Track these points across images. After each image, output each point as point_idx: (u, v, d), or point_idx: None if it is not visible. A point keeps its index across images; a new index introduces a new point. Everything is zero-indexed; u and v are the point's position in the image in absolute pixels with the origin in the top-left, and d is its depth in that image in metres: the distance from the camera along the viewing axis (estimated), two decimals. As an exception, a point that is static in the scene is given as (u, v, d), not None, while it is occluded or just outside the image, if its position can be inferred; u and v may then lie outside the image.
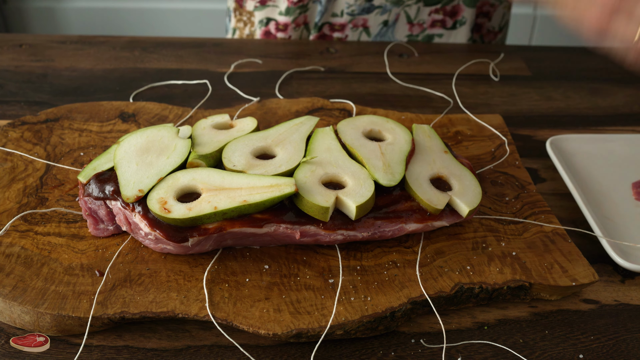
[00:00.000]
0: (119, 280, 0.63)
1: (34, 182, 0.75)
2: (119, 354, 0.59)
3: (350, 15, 1.19)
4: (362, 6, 1.18)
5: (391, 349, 0.61)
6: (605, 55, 0.71)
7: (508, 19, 1.33)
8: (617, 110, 1.03)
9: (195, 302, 0.61)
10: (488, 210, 0.75)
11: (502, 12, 1.28)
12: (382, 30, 1.22)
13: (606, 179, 0.85)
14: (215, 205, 0.62)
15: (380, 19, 1.20)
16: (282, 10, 1.20)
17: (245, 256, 0.67)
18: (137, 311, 0.60)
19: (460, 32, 1.24)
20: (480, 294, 0.65)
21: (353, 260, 0.67)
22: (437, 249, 0.69)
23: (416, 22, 1.21)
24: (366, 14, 1.19)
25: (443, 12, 1.21)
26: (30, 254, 0.65)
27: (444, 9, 1.21)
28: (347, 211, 0.65)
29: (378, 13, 1.19)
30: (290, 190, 0.64)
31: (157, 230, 0.63)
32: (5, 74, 1.04)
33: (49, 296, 0.61)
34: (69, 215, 0.71)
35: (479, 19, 1.27)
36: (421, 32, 1.23)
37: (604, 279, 0.70)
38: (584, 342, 0.63)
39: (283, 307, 0.61)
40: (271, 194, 0.63)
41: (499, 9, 1.27)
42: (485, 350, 0.61)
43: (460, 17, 1.22)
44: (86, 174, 0.68)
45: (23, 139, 0.82)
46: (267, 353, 0.60)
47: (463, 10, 1.21)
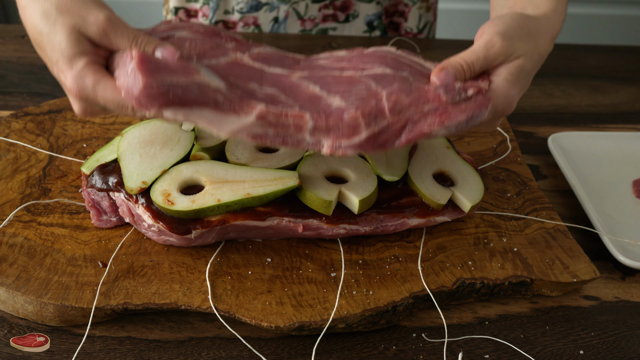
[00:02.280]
0: (121, 271, 0.63)
1: (37, 173, 0.75)
2: (122, 344, 0.60)
3: (240, 13, 1.19)
4: (250, 3, 1.18)
5: (392, 343, 0.61)
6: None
7: (430, 20, 1.30)
8: (618, 108, 1.04)
9: (198, 294, 0.61)
10: (490, 206, 0.76)
11: (418, 13, 1.25)
12: (274, 27, 1.22)
13: (607, 176, 0.85)
14: (219, 197, 0.63)
15: (269, 16, 1.20)
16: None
17: (248, 249, 0.67)
18: (140, 302, 0.60)
19: (355, 25, 1.23)
20: (481, 289, 0.65)
21: (355, 254, 0.67)
22: (439, 244, 0.69)
23: (307, 18, 1.20)
24: (255, 11, 1.19)
25: (333, 7, 1.20)
26: (34, 244, 0.65)
27: (333, 4, 1.19)
28: (350, 205, 0.65)
29: (267, 10, 1.19)
30: (294, 184, 0.64)
31: (160, 222, 0.63)
32: (8, 65, 1.04)
33: (52, 286, 0.61)
34: (72, 207, 0.71)
35: (396, 18, 1.25)
36: (314, 26, 1.23)
37: (605, 275, 0.71)
38: (585, 338, 0.63)
39: (285, 300, 0.61)
40: (274, 187, 0.63)
41: (414, 10, 1.24)
42: (487, 345, 0.62)
43: (352, 10, 1.21)
44: (89, 166, 0.68)
45: (26, 129, 0.82)
46: (269, 345, 0.60)
47: (354, 5, 1.20)
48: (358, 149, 0.58)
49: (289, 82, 0.61)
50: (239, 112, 0.57)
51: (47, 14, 0.58)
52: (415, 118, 0.58)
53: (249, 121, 0.56)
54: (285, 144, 0.58)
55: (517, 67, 0.61)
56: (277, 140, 0.58)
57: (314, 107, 0.58)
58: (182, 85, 0.55)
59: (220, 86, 0.57)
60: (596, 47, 1.25)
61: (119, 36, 0.58)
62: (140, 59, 0.54)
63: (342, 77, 0.62)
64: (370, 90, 0.60)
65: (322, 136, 0.58)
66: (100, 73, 0.56)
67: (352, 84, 0.61)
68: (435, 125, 0.58)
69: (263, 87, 0.60)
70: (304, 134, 0.57)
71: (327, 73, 0.63)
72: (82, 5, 0.58)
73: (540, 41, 0.63)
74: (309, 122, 0.57)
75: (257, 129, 0.57)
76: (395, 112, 0.58)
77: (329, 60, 0.65)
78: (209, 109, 0.56)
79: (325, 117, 0.57)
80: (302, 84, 0.61)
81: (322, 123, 0.57)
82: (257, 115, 0.56)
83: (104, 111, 0.59)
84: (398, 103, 0.58)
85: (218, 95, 0.56)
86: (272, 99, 0.58)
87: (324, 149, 0.58)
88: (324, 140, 0.58)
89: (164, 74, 0.54)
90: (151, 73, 0.54)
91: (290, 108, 0.58)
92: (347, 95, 0.59)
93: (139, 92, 0.53)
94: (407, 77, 0.61)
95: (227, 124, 0.57)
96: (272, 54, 0.65)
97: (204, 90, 0.55)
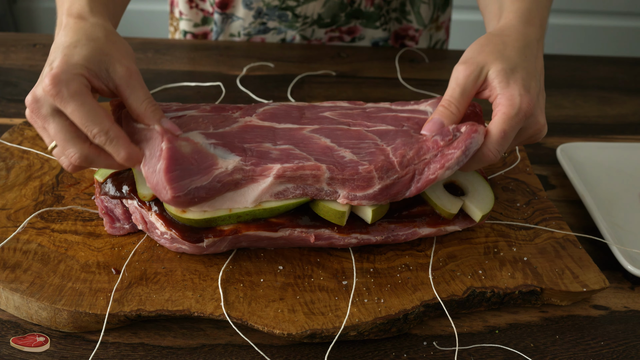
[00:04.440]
0: (135, 278, 0.64)
1: (50, 180, 0.76)
2: (135, 351, 0.60)
3: (247, 35, 1.21)
4: (257, 28, 1.19)
5: (403, 351, 0.62)
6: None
7: (442, 39, 1.31)
8: (626, 119, 1.04)
9: (211, 301, 0.62)
10: (499, 215, 0.76)
11: (429, 34, 1.27)
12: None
13: (615, 186, 0.85)
14: (230, 207, 0.63)
15: (277, 37, 1.21)
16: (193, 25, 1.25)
17: (260, 257, 0.68)
18: (153, 309, 0.60)
19: (361, 45, 1.24)
20: (492, 298, 0.65)
21: (366, 263, 0.68)
22: (449, 252, 0.70)
23: (314, 39, 1.22)
24: (263, 34, 1.20)
25: (339, 31, 1.21)
26: (47, 251, 0.66)
27: (339, 29, 1.21)
28: (364, 215, 0.66)
29: (274, 33, 1.20)
30: (307, 197, 0.64)
31: (172, 230, 0.63)
32: (20, 73, 1.05)
33: (66, 293, 0.61)
34: (85, 214, 0.71)
35: (407, 41, 1.25)
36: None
37: (614, 285, 0.71)
38: (594, 348, 0.63)
39: (297, 307, 0.62)
40: (287, 200, 0.64)
41: (424, 33, 1.25)
42: (497, 354, 0.62)
43: (359, 34, 1.22)
44: (103, 173, 0.69)
45: (39, 137, 0.83)
46: (281, 353, 0.61)
47: (360, 30, 1.21)
48: (372, 200, 0.63)
49: (301, 135, 0.67)
50: (258, 179, 0.62)
51: (98, 29, 0.62)
52: (420, 168, 0.63)
53: (268, 184, 0.62)
54: (305, 195, 0.63)
55: (499, 72, 0.64)
56: (298, 192, 0.63)
57: (328, 159, 0.63)
58: (205, 187, 0.60)
59: (237, 162, 0.62)
60: (604, 59, 1.26)
61: (136, 91, 0.61)
62: (168, 158, 0.59)
63: (350, 132, 0.69)
64: (378, 146, 0.66)
65: (338, 187, 0.63)
66: (89, 95, 0.59)
67: (359, 139, 0.67)
68: (438, 170, 0.63)
69: (277, 144, 0.65)
70: (321, 183, 0.62)
71: (335, 126, 0.69)
72: (126, 51, 0.63)
73: (508, 48, 0.66)
74: (325, 173, 0.62)
75: (277, 188, 0.62)
76: (403, 165, 0.63)
77: (335, 114, 0.72)
78: (230, 192, 0.63)
79: (341, 169, 0.62)
80: (314, 136, 0.67)
81: (338, 174, 0.62)
82: (275, 175, 0.62)
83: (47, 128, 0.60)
84: (404, 157, 0.63)
85: (236, 175, 0.62)
86: (287, 154, 0.63)
87: (340, 199, 0.63)
88: (339, 191, 0.63)
89: (188, 176, 0.60)
90: (177, 180, 0.59)
91: (306, 161, 0.62)
92: (357, 149, 0.65)
93: (169, 200, 0.60)
94: (407, 131, 0.68)
95: (250, 195, 0.63)
96: (277, 109, 0.72)
97: (224, 182, 0.61)
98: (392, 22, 1.22)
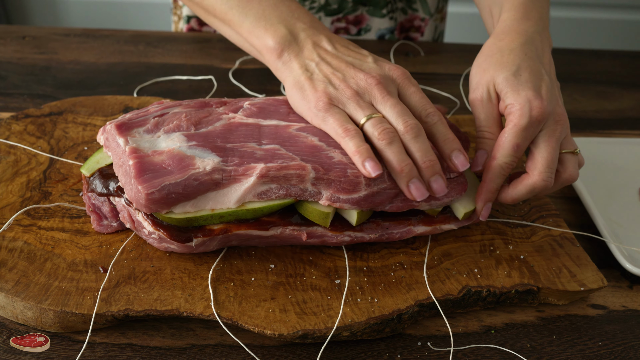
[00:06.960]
0: (123, 277, 0.62)
1: (38, 176, 0.74)
2: (122, 351, 0.59)
3: None
4: None
5: (397, 352, 0.60)
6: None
7: (443, 29, 1.31)
8: (624, 114, 1.03)
9: (200, 300, 0.60)
10: (496, 212, 0.75)
11: (434, 24, 1.26)
12: None
13: (613, 183, 0.84)
14: (213, 207, 0.62)
15: None
16: None
17: (251, 255, 0.66)
18: (142, 309, 0.59)
19: (366, 38, 1.23)
20: (487, 297, 0.64)
21: (360, 261, 0.66)
22: (445, 251, 0.68)
23: None
24: None
25: (346, 21, 1.20)
26: (34, 248, 0.64)
27: (346, 17, 1.19)
28: (349, 217, 0.64)
29: None
30: (290, 199, 0.63)
31: (160, 230, 0.62)
32: (9, 66, 1.03)
33: (52, 292, 0.60)
34: (73, 211, 0.70)
35: (412, 33, 1.25)
36: None
37: (612, 284, 0.70)
38: (592, 348, 0.62)
39: (289, 307, 0.61)
40: (271, 202, 0.62)
41: (430, 22, 1.25)
42: (493, 355, 0.61)
43: (365, 25, 1.21)
44: (89, 167, 0.67)
45: (26, 132, 0.81)
46: (272, 353, 0.59)
47: (367, 19, 1.20)
48: (354, 205, 0.62)
49: (287, 134, 0.65)
50: (240, 179, 0.61)
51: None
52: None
53: (250, 183, 0.60)
54: (289, 195, 0.62)
55: (503, 81, 0.65)
56: (281, 192, 0.61)
57: (315, 159, 0.62)
58: (180, 184, 0.59)
59: (216, 163, 0.60)
60: (602, 53, 1.24)
61: None
62: (137, 168, 0.59)
63: None
64: None
65: (323, 187, 0.61)
66: None
67: None
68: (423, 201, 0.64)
69: (262, 144, 0.64)
70: (306, 184, 0.61)
71: None
72: None
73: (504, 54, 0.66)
74: (311, 173, 0.60)
75: (261, 188, 0.61)
76: (392, 178, 0.62)
77: None
78: (211, 191, 0.61)
79: (327, 170, 0.61)
80: (301, 135, 0.65)
81: (324, 175, 0.61)
82: (258, 175, 0.60)
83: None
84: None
85: (215, 176, 0.60)
86: (272, 154, 0.62)
87: (322, 200, 0.62)
88: (323, 191, 0.62)
89: (161, 177, 0.59)
90: (149, 180, 0.58)
91: (292, 161, 0.61)
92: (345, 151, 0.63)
93: (145, 201, 0.58)
94: None
95: (232, 195, 0.61)
96: (264, 104, 0.70)
97: (202, 180, 0.60)
98: (398, 12, 1.20)
